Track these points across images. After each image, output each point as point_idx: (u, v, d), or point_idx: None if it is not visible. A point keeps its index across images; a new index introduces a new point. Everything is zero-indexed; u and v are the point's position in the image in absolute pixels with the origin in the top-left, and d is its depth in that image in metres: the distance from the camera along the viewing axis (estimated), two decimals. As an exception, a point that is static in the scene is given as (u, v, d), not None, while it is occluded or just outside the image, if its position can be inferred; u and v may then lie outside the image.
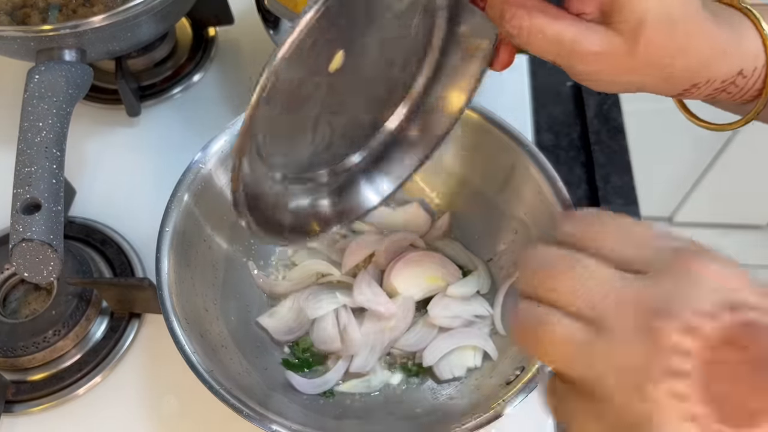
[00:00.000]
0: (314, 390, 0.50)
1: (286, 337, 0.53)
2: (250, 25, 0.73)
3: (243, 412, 0.42)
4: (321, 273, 0.56)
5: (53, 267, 0.46)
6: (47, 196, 0.47)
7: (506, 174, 0.54)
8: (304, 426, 0.43)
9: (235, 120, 0.54)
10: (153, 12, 0.57)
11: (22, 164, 0.48)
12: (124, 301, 0.55)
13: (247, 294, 0.55)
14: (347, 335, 0.52)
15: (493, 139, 0.54)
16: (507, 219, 0.55)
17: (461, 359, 0.51)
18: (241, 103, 0.70)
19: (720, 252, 0.27)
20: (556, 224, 0.30)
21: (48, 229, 0.46)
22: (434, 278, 0.54)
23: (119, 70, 0.65)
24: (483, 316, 0.53)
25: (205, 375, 0.43)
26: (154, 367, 0.55)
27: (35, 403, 0.52)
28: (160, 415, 0.53)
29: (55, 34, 0.53)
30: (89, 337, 0.55)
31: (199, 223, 0.51)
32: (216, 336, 0.48)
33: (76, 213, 0.62)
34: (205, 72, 0.74)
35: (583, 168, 0.70)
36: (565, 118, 0.74)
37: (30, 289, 0.57)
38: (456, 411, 0.47)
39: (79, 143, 0.68)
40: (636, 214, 0.67)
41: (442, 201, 0.60)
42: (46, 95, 0.51)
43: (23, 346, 0.52)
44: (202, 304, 0.49)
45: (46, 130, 0.49)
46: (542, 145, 0.71)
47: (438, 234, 0.58)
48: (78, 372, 0.53)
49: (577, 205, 0.59)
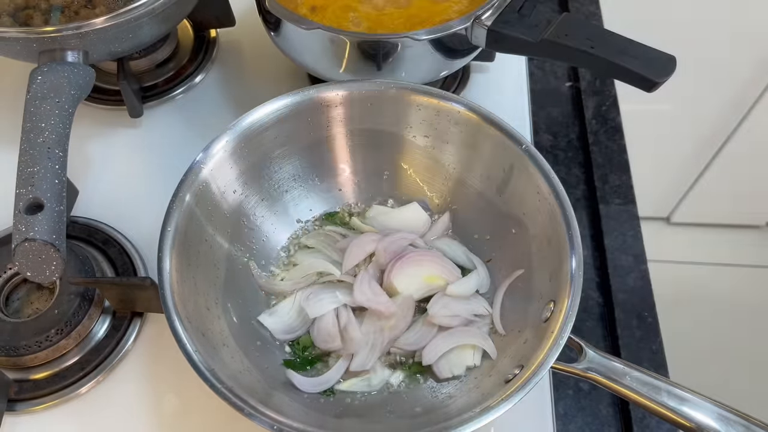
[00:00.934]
0: (315, 388, 0.51)
1: (287, 336, 0.54)
2: (251, 26, 0.74)
3: (244, 410, 0.42)
4: (321, 272, 0.56)
5: (56, 267, 0.46)
6: (50, 196, 0.47)
7: (505, 174, 0.55)
8: (305, 424, 0.43)
9: (236, 120, 0.54)
10: (155, 13, 0.57)
11: (25, 164, 0.48)
12: (126, 300, 0.56)
13: (248, 293, 0.55)
14: (347, 334, 0.52)
15: (492, 139, 0.55)
16: (506, 219, 0.55)
17: (460, 358, 0.52)
18: (242, 103, 0.70)
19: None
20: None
21: (50, 229, 0.46)
22: (434, 277, 0.54)
23: (121, 71, 0.65)
24: (482, 315, 0.54)
25: (206, 373, 0.43)
26: (155, 365, 0.55)
27: (38, 401, 0.53)
28: (162, 413, 0.53)
29: (58, 36, 0.54)
30: (91, 336, 0.55)
31: (200, 223, 0.52)
32: (217, 335, 0.49)
33: (78, 213, 0.63)
34: (207, 73, 0.74)
35: (581, 168, 0.71)
36: (563, 118, 0.75)
37: (33, 288, 0.57)
38: (455, 409, 0.47)
39: (82, 144, 0.68)
40: (634, 214, 0.67)
41: (441, 201, 0.60)
42: (48, 96, 0.51)
43: (26, 345, 0.52)
44: (204, 304, 0.50)
45: (49, 130, 0.50)
46: (541, 146, 0.72)
47: (438, 234, 0.59)
48: (80, 371, 0.54)
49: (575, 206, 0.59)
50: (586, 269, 0.63)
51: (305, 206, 0.60)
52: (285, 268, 0.58)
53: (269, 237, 0.58)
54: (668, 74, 0.54)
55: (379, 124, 0.58)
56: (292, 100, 0.56)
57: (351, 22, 0.62)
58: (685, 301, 1.54)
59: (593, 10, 0.85)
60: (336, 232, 0.59)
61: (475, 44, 0.61)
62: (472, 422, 0.42)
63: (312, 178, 0.60)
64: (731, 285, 1.61)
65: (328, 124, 0.58)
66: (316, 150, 0.59)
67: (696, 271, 1.63)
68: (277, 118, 0.55)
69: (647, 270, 0.63)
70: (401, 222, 0.59)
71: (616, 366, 0.45)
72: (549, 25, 0.57)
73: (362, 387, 0.51)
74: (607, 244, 0.65)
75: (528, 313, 0.51)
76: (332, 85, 0.57)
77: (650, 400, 0.44)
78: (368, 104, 0.57)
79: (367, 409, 0.50)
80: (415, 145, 0.59)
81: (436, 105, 0.56)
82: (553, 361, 0.44)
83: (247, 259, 0.56)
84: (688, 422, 0.43)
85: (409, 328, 0.53)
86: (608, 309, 0.62)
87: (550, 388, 0.55)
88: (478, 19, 0.58)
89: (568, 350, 0.46)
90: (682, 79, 0.73)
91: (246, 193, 0.56)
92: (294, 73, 0.73)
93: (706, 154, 1.46)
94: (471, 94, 0.73)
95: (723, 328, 1.53)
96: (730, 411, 0.43)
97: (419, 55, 0.59)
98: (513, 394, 0.43)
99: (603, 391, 0.53)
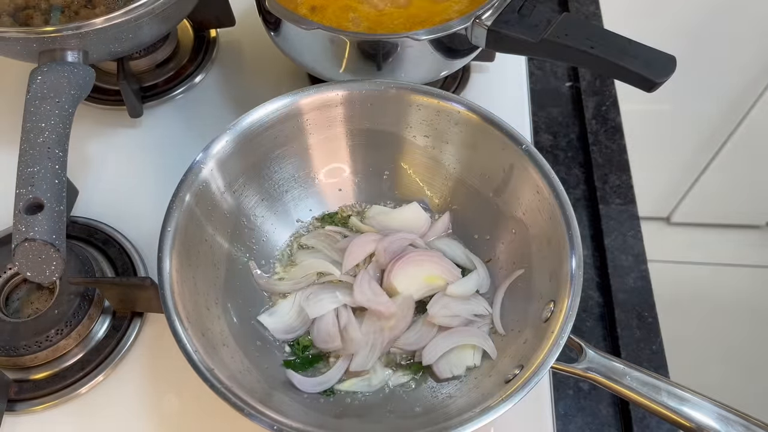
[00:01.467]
0: (315, 388, 0.51)
1: (287, 336, 0.54)
2: (251, 26, 0.74)
3: (244, 410, 0.42)
4: (321, 272, 0.56)
5: (56, 267, 0.46)
6: (50, 196, 0.47)
7: (505, 174, 0.55)
8: (305, 424, 0.43)
9: (236, 120, 0.54)
10: (155, 13, 0.57)
11: (25, 164, 0.48)
12: (126, 300, 0.56)
13: (248, 293, 0.55)
14: (347, 334, 0.52)
15: (492, 139, 0.55)
16: (506, 219, 0.56)
17: (460, 358, 0.52)
18: (242, 103, 0.70)
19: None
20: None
21: (50, 229, 0.46)
22: (434, 277, 0.54)
23: (121, 71, 0.65)
24: (482, 315, 0.54)
25: (206, 373, 0.43)
26: (155, 365, 0.55)
27: (38, 401, 0.53)
28: (162, 413, 0.53)
29: (58, 36, 0.54)
30: (91, 336, 0.55)
31: (200, 223, 0.52)
32: (217, 335, 0.49)
33: (78, 213, 0.63)
34: (207, 73, 0.74)
35: (581, 168, 0.71)
36: (563, 118, 0.75)
37: (33, 288, 0.57)
38: (455, 409, 0.47)
39: (82, 144, 0.68)
40: (634, 214, 0.67)
41: (441, 201, 0.60)
42: (48, 96, 0.51)
43: (26, 345, 0.52)
44: (204, 304, 0.50)
45: (49, 130, 0.50)
46: (541, 146, 0.72)
47: (437, 234, 0.59)
48: (80, 371, 0.54)
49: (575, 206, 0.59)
50: (586, 269, 0.63)
51: (305, 206, 0.60)
52: (285, 269, 0.58)
53: (269, 237, 0.58)
54: (668, 74, 0.54)
55: (379, 124, 0.58)
56: (292, 100, 0.56)
57: (351, 22, 0.62)
58: (685, 301, 1.54)
59: (593, 10, 0.85)
60: (336, 232, 0.59)
61: (475, 44, 0.61)
62: (472, 422, 0.42)
63: (312, 178, 0.60)
64: (731, 285, 1.61)
65: (328, 124, 0.58)
66: (316, 150, 0.59)
67: (696, 271, 1.63)
68: (277, 118, 0.55)
69: (647, 270, 0.63)
70: (401, 222, 0.59)
71: (616, 366, 0.45)
72: (549, 25, 0.57)
73: (362, 387, 0.52)
74: (607, 244, 0.65)
75: (528, 313, 0.51)
76: (332, 85, 0.57)
77: (650, 400, 0.44)
78: (368, 104, 0.57)
79: (367, 409, 0.50)
80: (415, 145, 0.59)
81: (436, 105, 0.56)
82: (553, 361, 0.44)
83: (247, 259, 0.56)
84: (688, 422, 0.43)
85: (409, 328, 0.53)
86: (608, 309, 0.62)
87: (550, 388, 0.55)
88: (478, 19, 0.58)
89: (568, 350, 0.46)
90: (682, 79, 0.73)
91: (246, 193, 0.56)
92: (294, 73, 0.73)
93: (706, 154, 1.46)
94: (471, 94, 0.73)
95: (723, 328, 1.53)
96: (730, 411, 0.43)
97: (419, 55, 0.59)
98: (513, 394, 0.43)
99: (603, 391, 0.53)
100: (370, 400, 0.51)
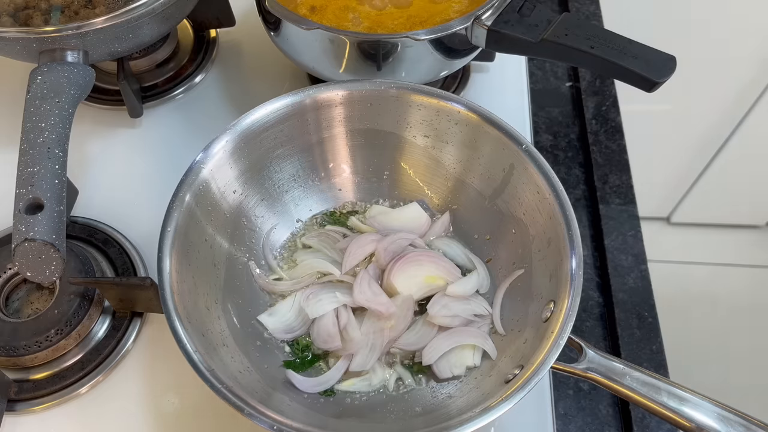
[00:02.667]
0: (315, 388, 0.51)
1: (286, 336, 0.54)
2: (251, 26, 0.74)
3: (244, 410, 0.42)
4: (321, 272, 0.56)
5: (56, 267, 0.46)
6: (50, 196, 0.47)
7: (505, 174, 0.55)
8: (305, 424, 0.43)
9: (236, 120, 0.54)
10: (155, 13, 0.57)
11: (25, 165, 0.48)
12: (126, 300, 0.56)
13: (248, 293, 0.55)
14: (347, 334, 0.52)
15: (492, 139, 0.55)
16: (506, 219, 0.56)
17: (460, 358, 0.52)
18: (242, 103, 0.70)
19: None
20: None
21: (50, 229, 0.46)
22: (434, 278, 0.54)
23: (121, 71, 0.65)
24: (482, 316, 0.54)
25: (206, 373, 0.43)
26: (155, 366, 0.55)
27: (37, 401, 0.53)
28: (162, 413, 0.53)
29: (58, 36, 0.54)
30: (91, 336, 0.55)
31: (200, 223, 0.52)
32: (217, 335, 0.49)
33: (78, 213, 0.63)
34: (207, 73, 0.74)
35: (581, 168, 0.71)
36: (563, 118, 0.75)
37: (32, 288, 0.57)
38: (455, 409, 0.47)
39: (82, 144, 0.68)
40: (634, 214, 0.67)
41: (441, 201, 0.60)
42: (48, 96, 0.51)
43: (26, 345, 0.52)
44: (204, 304, 0.50)
45: (49, 130, 0.50)
46: (541, 146, 0.72)
47: (437, 234, 0.59)
48: (80, 371, 0.54)
49: (575, 206, 0.59)
50: (586, 269, 0.63)
51: (305, 206, 0.60)
52: (285, 268, 0.58)
53: (269, 237, 0.58)
54: (668, 74, 0.54)
55: (379, 124, 0.58)
56: (292, 100, 0.56)
57: (351, 22, 0.62)
58: (685, 301, 1.54)
59: (593, 10, 0.85)
60: (336, 232, 0.59)
61: (475, 44, 0.61)
62: (472, 422, 0.42)
63: (312, 178, 0.60)
64: (731, 285, 1.61)
65: (328, 124, 0.58)
66: (316, 150, 0.59)
67: (696, 271, 1.64)
68: (277, 118, 0.55)
69: (647, 270, 0.64)
70: (401, 222, 0.59)
71: (616, 366, 0.45)
72: (549, 25, 0.57)
73: (362, 387, 0.52)
74: (607, 244, 0.65)
75: (528, 313, 0.51)
76: (332, 85, 0.57)
77: (650, 400, 0.44)
78: (368, 104, 0.57)
79: (367, 409, 0.50)
80: (415, 145, 0.59)
81: (436, 105, 0.56)
82: (553, 361, 0.44)
83: (247, 259, 0.56)
84: (688, 422, 0.43)
85: (409, 329, 0.53)
86: (608, 309, 0.62)
87: (550, 388, 0.55)
88: (478, 19, 0.58)
89: (568, 350, 0.46)
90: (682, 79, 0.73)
91: (246, 193, 0.56)
92: (294, 73, 0.73)
93: (706, 154, 1.46)
94: (471, 94, 0.73)
95: (723, 328, 1.53)
96: (730, 411, 0.43)
97: (419, 55, 0.59)
98: (513, 394, 0.43)
99: (603, 391, 0.53)
100: (370, 400, 0.51)
